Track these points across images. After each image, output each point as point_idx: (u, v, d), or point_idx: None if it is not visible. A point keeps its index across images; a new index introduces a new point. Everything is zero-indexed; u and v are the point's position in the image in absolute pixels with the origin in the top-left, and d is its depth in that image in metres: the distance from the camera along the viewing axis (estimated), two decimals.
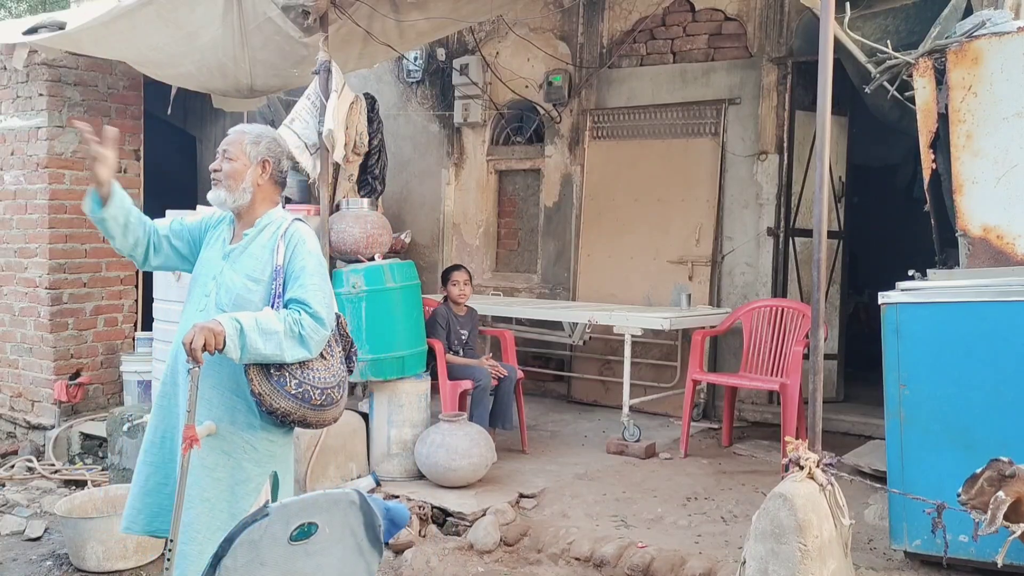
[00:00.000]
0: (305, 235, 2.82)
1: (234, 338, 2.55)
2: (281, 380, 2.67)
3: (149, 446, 2.83)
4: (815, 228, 3.31)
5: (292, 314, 2.68)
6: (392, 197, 7.67)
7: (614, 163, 6.92)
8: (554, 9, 7.17)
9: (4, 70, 6.25)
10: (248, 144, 2.83)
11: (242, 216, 2.86)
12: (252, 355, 2.61)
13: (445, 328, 5.44)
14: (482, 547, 4.17)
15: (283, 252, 2.77)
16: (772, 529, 2.99)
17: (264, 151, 2.85)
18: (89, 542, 4.19)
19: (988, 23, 3.66)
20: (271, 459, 2.80)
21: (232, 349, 2.56)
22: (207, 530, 2.65)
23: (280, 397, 2.67)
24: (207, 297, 2.78)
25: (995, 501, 2.72)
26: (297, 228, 2.84)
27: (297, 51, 5.32)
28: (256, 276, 2.78)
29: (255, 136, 2.86)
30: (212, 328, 2.53)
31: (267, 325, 2.62)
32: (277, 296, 2.74)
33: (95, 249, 6.25)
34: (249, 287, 2.76)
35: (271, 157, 2.86)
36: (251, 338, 2.58)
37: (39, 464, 5.68)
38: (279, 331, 2.63)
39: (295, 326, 2.66)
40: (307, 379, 2.70)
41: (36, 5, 16.08)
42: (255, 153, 2.83)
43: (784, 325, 5.54)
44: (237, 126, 2.93)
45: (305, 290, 2.73)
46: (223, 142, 2.88)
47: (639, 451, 5.40)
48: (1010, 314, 3.32)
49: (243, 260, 2.80)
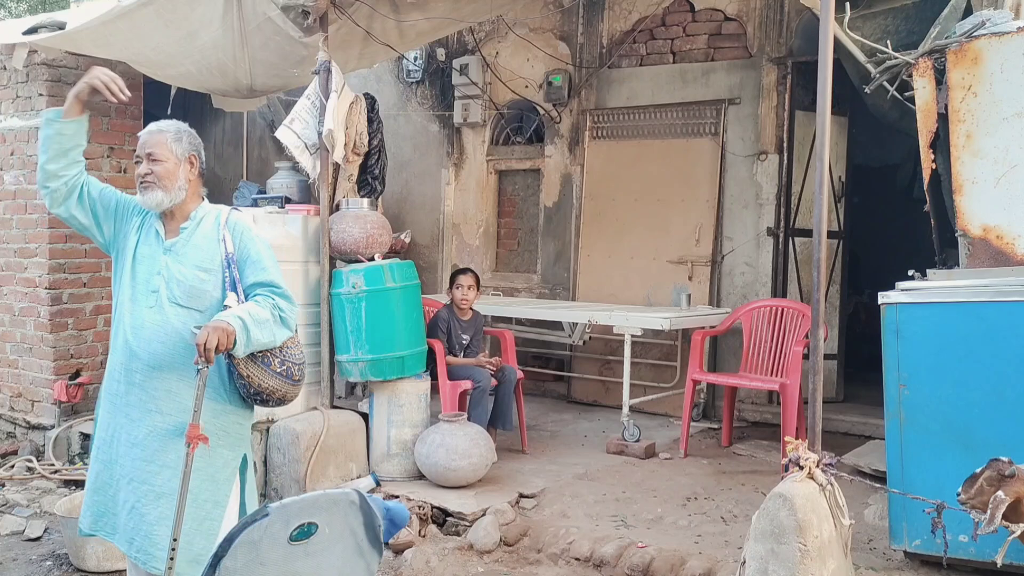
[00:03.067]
0: (246, 222, 2.91)
1: (242, 335, 2.62)
2: (266, 361, 2.76)
3: (100, 443, 2.81)
4: (815, 228, 3.31)
5: (267, 299, 2.78)
6: (392, 197, 7.68)
7: (614, 163, 6.92)
8: (554, 9, 7.17)
9: (4, 70, 6.25)
10: (172, 143, 2.82)
11: (175, 213, 2.86)
12: (252, 347, 2.69)
13: (445, 332, 5.44)
14: (482, 547, 4.17)
15: (231, 240, 2.84)
16: (772, 529, 3.00)
17: (188, 147, 2.85)
18: (89, 542, 4.18)
19: (988, 23, 3.66)
20: (241, 441, 2.87)
21: (240, 345, 2.62)
22: (193, 521, 2.68)
23: (267, 376, 2.77)
24: (155, 293, 2.77)
25: (994, 501, 2.72)
26: (238, 217, 2.92)
27: (297, 51, 5.32)
28: (206, 266, 2.80)
29: (175, 134, 2.85)
30: (224, 328, 2.58)
31: (258, 315, 2.70)
32: (235, 282, 2.80)
33: (95, 249, 6.19)
34: (201, 277, 2.79)
35: (195, 152, 2.88)
36: (252, 331, 2.66)
37: (39, 464, 5.68)
38: (268, 319, 2.73)
39: (275, 310, 2.77)
40: (288, 357, 2.81)
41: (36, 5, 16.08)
42: (181, 151, 2.83)
43: (784, 325, 5.54)
44: (149, 126, 2.89)
45: (268, 273, 2.84)
46: (142, 144, 2.84)
47: (639, 451, 5.40)
48: (1010, 314, 3.32)
49: (188, 252, 2.81)
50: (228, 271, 2.81)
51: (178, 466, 2.63)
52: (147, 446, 2.70)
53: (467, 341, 5.54)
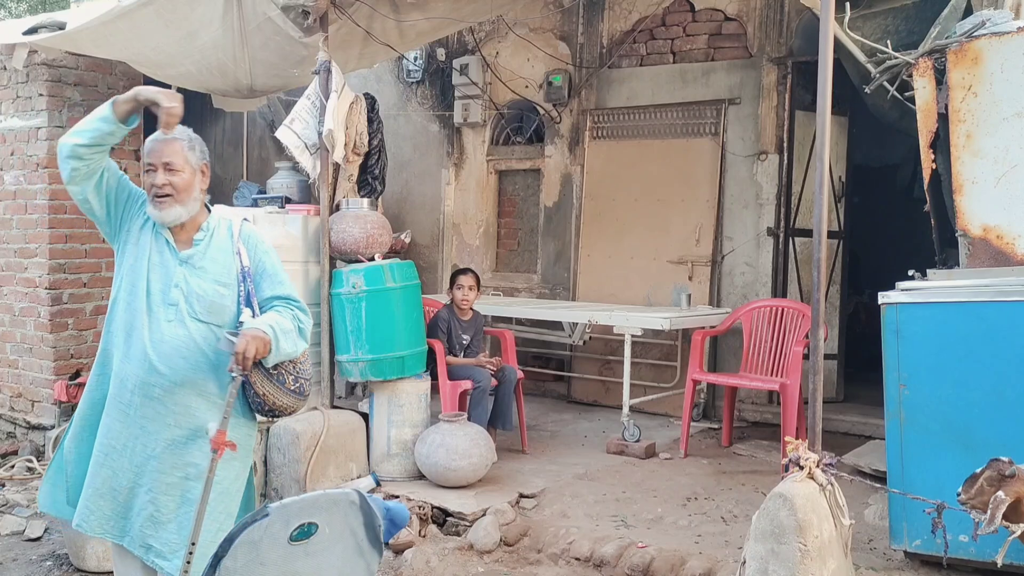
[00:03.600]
0: (259, 234, 2.89)
1: (274, 344, 2.63)
2: (280, 378, 2.74)
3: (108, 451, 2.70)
4: (815, 228, 3.31)
5: (288, 311, 2.78)
6: (392, 197, 7.67)
7: (614, 163, 6.92)
8: (554, 9, 7.17)
9: (4, 70, 6.25)
10: (187, 151, 2.71)
11: (184, 223, 2.76)
12: (280, 357, 2.69)
13: (445, 332, 5.43)
14: (482, 547, 4.17)
15: (246, 254, 2.81)
16: (772, 529, 3.00)
17: (200, 156, 2.76)
18: (89, 542, 4.18)
19: (988, 23, 3.66)
20: (249, 452, 2.88)
21: (272, 355, 2.64)
22: (207, 533, 2.65)
23: (282, 395, 2.75)
24: (174, 307, 2.69)
25: (995, 501, 2.72)
26: (251, 229, 2.88)
27: (297, 51, 5.32)
28: (224, 280, 2.76)
29: (189, 141, 2.74)
30: (261, 337, 2.59)
31: (284, 326, 2.71)
32: (250, 296, 2.78)
33: (95, 249, 6.24)
34: (220, 292, 2.75)
35: (206, 160, 2.79)
36: (281, 342, 2.67)
37: (39, 464, 5.68)
38: (291, 329, 2.73)
39: (294, 321, 2.77)
40: (301, 373, 2.80)
41: (36, 5, 16.08)
42: (195, 160, 2.74)
43: (784, 325, 5.54)
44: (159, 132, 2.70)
45: (284, 286, 2.84)
46: (155, 152, 2.70)
47: (639, 451, 5.40)
48: (1010, 314, 3.32)
49: (207, 266, 2.75)
50: (243, 285, 2.77)
51: (197, 476, 2.64)
52: (164, 459, 2.68)
53: (467, 341, 5.54)
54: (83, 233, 6.16)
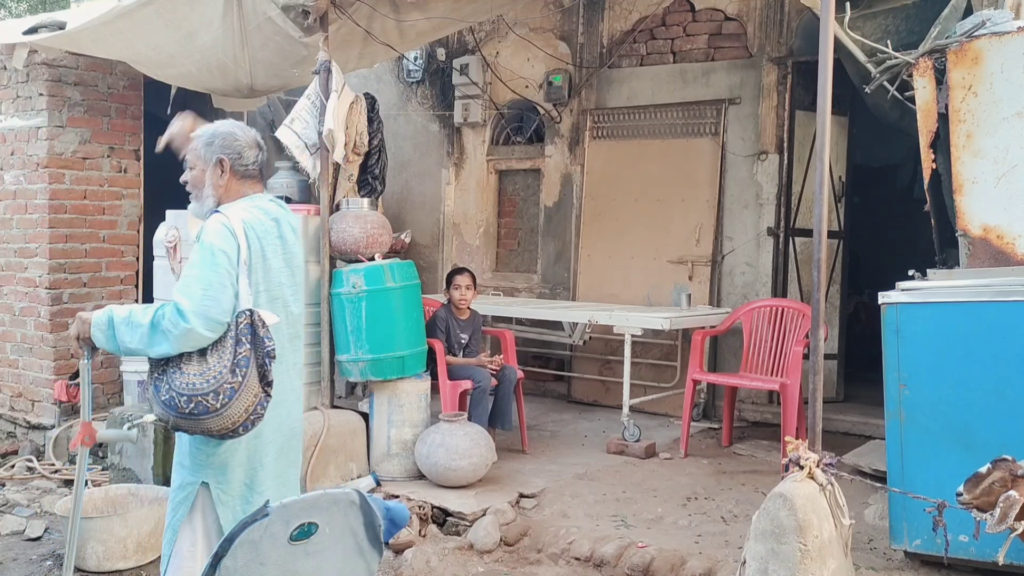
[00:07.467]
0: (208, 226, 2.67)
1: (101, 327, 2.59)
2: (156, 386, 2.59)
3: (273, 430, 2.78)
4: (815, 228, 3.31)
5: (162, 307, 2.57)
6: (392, 197, 7.68)
7: (614, 163, 6.92)
8: (554, 9, 7.17)
9: (4, 70, 6.25)
10: (202, 148, 2.78)
11: None
12: (122, 348, 2.61)
13: (444, 332, 5.43)
14: (482, 547, 4.17)
15: None
16: (772, 529, 3.00)
17: (218, 150, 2.76)
18: (89, 542, 4.18)
19: (988, 23, 3.66)
20: (202, 468, 2.71)
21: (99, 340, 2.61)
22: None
23: (156, 403, 2.61)
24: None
25: (1007, 500, 2.72)
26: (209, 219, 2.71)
27: (297, 51, 5.32)
28: None
29: (208, 138, 2.79)
30: (82, 319, 2.62)
31: (135, 318, 2.58)
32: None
33: (95, 249, 6.25)
34: None
35: (226, 154, 2.77)
36: (120, 330, 2.58)
37: (39, 464, 5.68)
38: (142, 324, 2.56)
39: (159, 318, 2.54)
40: (175, 385, 2.55)
41: (36, 5, 16.08)
42: (209, 154, 2.76)
43: (784, 325, 5.54)
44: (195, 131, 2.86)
45: (179, 281, 2.64)
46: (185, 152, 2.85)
47: (639, 451, 5.40)
48: (1010, 314, 3.32)
49: None
50: None
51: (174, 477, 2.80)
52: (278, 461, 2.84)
53: (466, 340, 5.54)
54: (83, 233, 6.17)
